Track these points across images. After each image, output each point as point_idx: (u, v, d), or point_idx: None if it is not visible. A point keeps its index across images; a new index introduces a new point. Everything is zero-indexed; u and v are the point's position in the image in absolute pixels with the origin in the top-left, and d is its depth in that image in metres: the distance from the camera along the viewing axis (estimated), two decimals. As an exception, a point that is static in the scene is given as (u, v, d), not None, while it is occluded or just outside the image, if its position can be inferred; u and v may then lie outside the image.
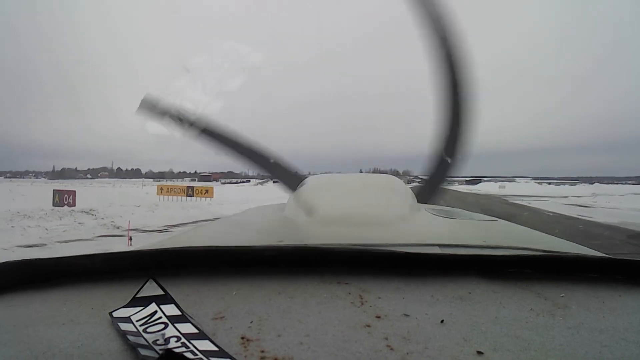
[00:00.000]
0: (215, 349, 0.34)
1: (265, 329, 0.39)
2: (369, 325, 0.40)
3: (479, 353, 0.35)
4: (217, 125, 1.12)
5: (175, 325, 0.38)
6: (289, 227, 1.09)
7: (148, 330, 0.38)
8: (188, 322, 0.38)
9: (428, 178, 1.79)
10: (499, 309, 0.45)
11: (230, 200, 15.63)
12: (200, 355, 0.33)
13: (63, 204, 12.03)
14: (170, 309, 0.41)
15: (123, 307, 0.43)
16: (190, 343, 0.35)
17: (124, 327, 0.39)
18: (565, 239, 0.93)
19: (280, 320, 0.41)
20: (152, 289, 0.45)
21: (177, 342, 0.35)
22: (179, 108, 1.08)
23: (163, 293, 0.44)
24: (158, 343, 0.35)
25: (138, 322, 0.40)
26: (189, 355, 0.32)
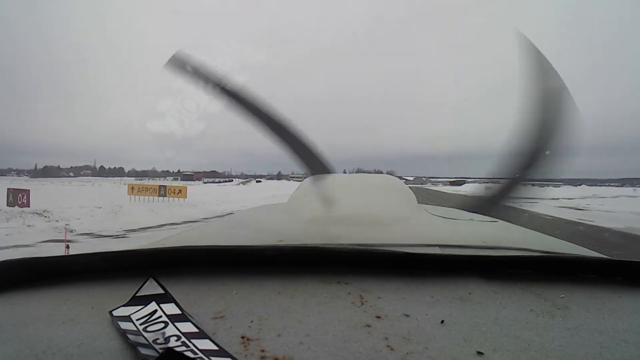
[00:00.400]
0: (216, 349, 0.34)
1: (266, 329, 0.39)
2: (369, 325, 0.40)
3: (479, 353, 0.35)
4: (245, 92, 1.07)
5: (176, 325, 0.38)
6: (289, 227, 1.09)
7: (148, 329, 0.38)
8: (188, 321, 0.38)
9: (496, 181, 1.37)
10: (499, 310, 0.45)
11: (205, 201, 14.78)
12: (201, 355, 0.33)
13: (16, 204, 10.82)
14: (170, 308, 0.41)
15: (123, 306, 0.43)
16: (191, 342, 0.35)
17: (124, 326, 0.39)
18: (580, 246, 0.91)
19: (281, 320, 0.41)
20: (152, 288, 0.44)
21: (177, 341, 0.35)
22: (210, 69, 1.03)
23: (163, 292, 0.44)
24: (158, 342, 0.35)
25: (138, 321, 0.40)
26: (189, 354, 0.32)
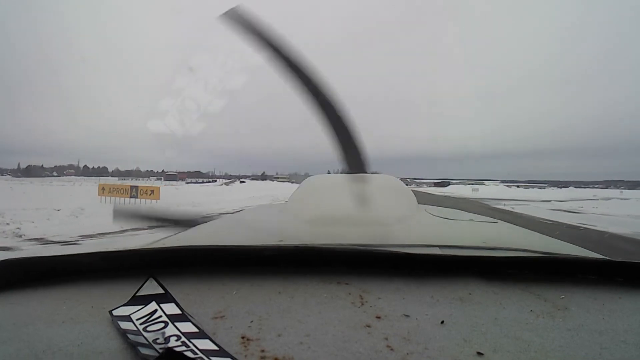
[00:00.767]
0: (216, 348, 0.34)
1: (266, 329, 0.39)
2: (369, 326, 0.40)
3: (479, 354, 0.35)
4: (294, 53, 1.02)
5: (176, 324, 0.38)
6: (289, 227, 1.09)
7: (148, 329, 0.38)
8: (188, 321, 0.38)
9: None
10: (499, 310, 0.45)
11: (180, 203, 13.57)
12: (201, 355, 0.33)
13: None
14: (171, 308, 0.41)
15: (123, 305, 0.43)
16: (191, 342, 0.35)
17: (124, 325, 0.39)
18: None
19: (281, 320, 0.41)
20: (152, 288, 0.44)
21: (177, 341, 0.35)
22: (262, 27, 0.99)
23: (163, 292, 0.43)
24: (158, 342, 0.35)
25: (138, 320, 0.39)
26: (189, 354, 0.32)
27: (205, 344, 0.34)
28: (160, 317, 0.39)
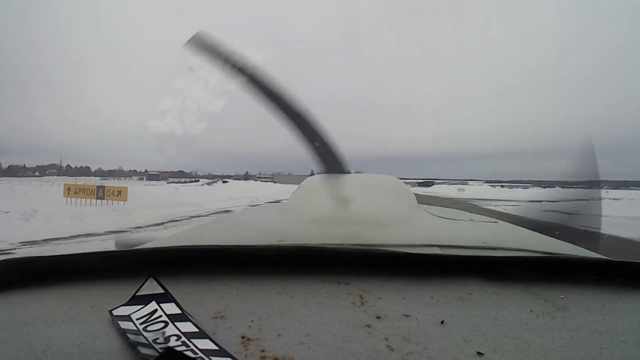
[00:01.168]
0: (216, 348, 0.34)
1: (266, 329, 0.39)
2: (369, 326, 0.40)
3: (479, 354, 0.35)
4: (264, 75, 1.03)
5: (176, 324, 0.38)
6: (289, 227, 1.09)
7: (148, 329, 0.38)
8: (188, 321, 0.38)
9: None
10: (499, 310, 0.45)
11: (151, 205, 12.27)
12: (201, 354, 0.33)
13: None
14: (171, 308, 0.41)
15: (123, 305, 0.43)
16: (191, 342, 0.35)
17: (124, 325, 0.39)
18: None
19: (281, 320, 0.41)
20: (152, 288, 0.44)
21: (177, 340, 0.35)
22: (230, 52, 1.00)
23: (163, 291, 0.43)
24: (158, 342, 0.35)
25: (138, 320, 0.39)
26: (189, 354, 0.32)
27: (205, 344, 0.34)
28: (160, 316, 0.39)
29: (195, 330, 0.37)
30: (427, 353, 0.35)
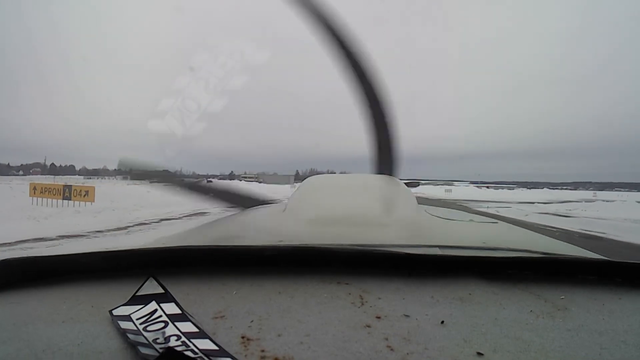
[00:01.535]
0: (216, 348, 0.34)
1: (266, 329, 0.39)
2: (369, 326, 0.40)
3: (479, 354, 0.35)
4: (181, 174, 1.16)
5: (176, 324, 0.38)
6: (289, 227, 1.09)
7: (148, 329, 0.38)
8: (188, 320, 0.38)
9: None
10: (499, 311, 0.45)
11: (120, 207, 11.50)
12: (201, 354, 0.33)
13: None
14: (171, 308, 0.41)
15: (123, 305, 0.43)
16: (191, 342, 0.35)
17: (124, 325, 0.39)
18: None
19: (281, 320, 0.41)
20: (152, 287, 0.44)
21: (177, 340, 0.35)
22: (149, 165, 1.08)
23: (163, 291, 0.44)
24: (158, 341, 0.35)
25: (138, 320, 0.39)
26: (189, 354, 0.32)
27: (205, 344, 0.34)
28: (160, 316, 0.39)
29: (195, 330, 0.37)
30: (427, 353, 0.35)
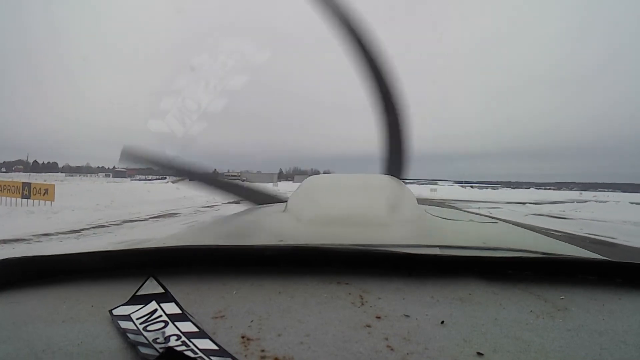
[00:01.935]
0: (216, 348, 0.34)
1: (266, 329, 0.39)
2: (369, 326, 0.40)
3: (479, 354, 0.35)
4: (190, 165, 1.15)
5: (176, 324, 0.38)
6: (289, 227, 1.09)
7: (148, 329, 0.38)
8: (188, 320, 0.38)
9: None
10: (499, 311, 0.45)
11: (82, 207, 10.82)
12: (201, 354, 0.33)
13: None
14: (171, 308, 0.41)
15: (123, 305, 0.43)
16: (191, 342, 0.35)
17: (124, 325, 0.39)
18: None
19: (281, 320, 0.41)
20: (152, 287, 0.44)
21: (177, 340, 0.35)
22: (155, 155, 1.09)
23: (163, 291, 0.44)
24: (158, 341, 0.35)
25: (138, 320, 0.39)
26: (189, 354, 0.32)
27: (205, 344, 0.34)
28: (161, 316, 0.39)
29: (195, 330, 0.37)
30: (427, 353, 0.35)
